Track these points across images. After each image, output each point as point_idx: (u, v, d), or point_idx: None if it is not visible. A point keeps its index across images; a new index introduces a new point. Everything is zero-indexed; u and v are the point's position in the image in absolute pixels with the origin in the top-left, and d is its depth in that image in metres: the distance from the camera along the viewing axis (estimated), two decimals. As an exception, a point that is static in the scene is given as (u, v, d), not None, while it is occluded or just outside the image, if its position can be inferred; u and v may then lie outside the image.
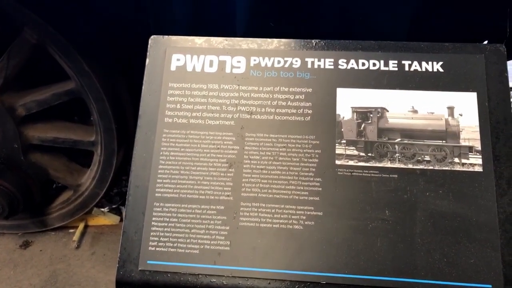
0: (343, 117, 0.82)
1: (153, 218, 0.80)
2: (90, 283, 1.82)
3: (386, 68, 0.83)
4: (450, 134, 0.79)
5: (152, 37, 0.89)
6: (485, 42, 0.78)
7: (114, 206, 2.29)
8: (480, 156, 0.78)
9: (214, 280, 0.78)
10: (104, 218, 2.15)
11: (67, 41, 1.56)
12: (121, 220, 2.18)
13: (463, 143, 0.79)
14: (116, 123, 1.76)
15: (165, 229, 0.80)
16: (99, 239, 2.04)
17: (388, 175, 0.79)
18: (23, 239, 2.01)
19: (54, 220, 2.05)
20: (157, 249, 0.79)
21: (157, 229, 0.80)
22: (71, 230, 2.06)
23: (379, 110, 0.81)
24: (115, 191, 2.37)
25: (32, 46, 1.60)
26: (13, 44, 1.61)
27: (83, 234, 2.05)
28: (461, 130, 0.80)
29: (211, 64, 0.87)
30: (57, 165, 1.97)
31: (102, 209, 2.18)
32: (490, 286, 0.73)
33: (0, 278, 1.83)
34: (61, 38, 1.55)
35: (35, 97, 1.74)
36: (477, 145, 0.78)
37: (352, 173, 0.79)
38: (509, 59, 0.99)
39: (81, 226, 2.05)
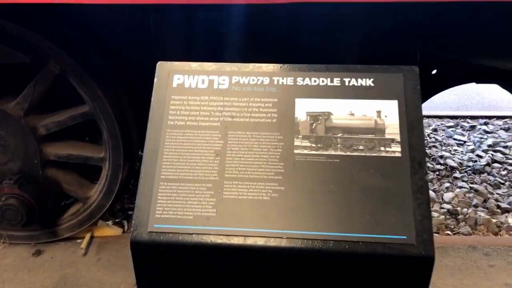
0: (300, 119, 1.13)
1: (159, 194, 1.09)
2: (96, 284, 2.05)
3: (332, 84, 1.15)
4: (378, 130, 1.10)
5: (159, 62, 1.22)
6: (404, 66, 1.10)
7: (117, 220, 2.55)
8: (400, 146, 1.08)
9: (204, 238, 1.06)
10: (108, 229, 2.40)
11: (85, 71, 1.89)
12: (123, 231, 2.44)
13: (387, 136, 1.10)
14: (123, 141, 2.06)
15: (168, 201, 1.08)
16: (104, 248, 2.28)
17: (332, 160, 1.09)
18: (35, 248, 2.25)
19: (64, 231, 2.30)
20: (162, 216, 1.07)
21: (161, 201, 1.08)
22: (79, 240, 2.30)
23: (326, 113, 1.12)
24: (118, 208, 2.63)
25: (55, 75, 1.93)
26: (39, 74, 1.93)
27: (89, 243, 2.30)
28: (386, 127, 1.10)
29: (203, 82, 1.19)
30: (69, 179, 2.25)
31: (107, 222, 2.44)
32: (405, 237, 1.01)
33: (15, 280, 2.06)
34: (80, 68, 1.88)
35: (55, 118, 2.05)
36: (398, 138, 1.09)
37: (306, 159, 1.09)
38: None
39: (87, 236, 2.30)
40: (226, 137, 1.14)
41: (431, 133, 3.54)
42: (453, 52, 1.77)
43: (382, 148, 1.10)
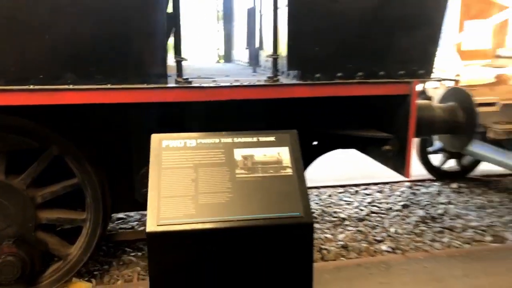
0: (237, 159, 2.08)
1: (161, 205, 1.92)
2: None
3: (253, 140, 2.14)
4: (279, 162, 2.09)
5: (152, 135, 2.12)
6: (290, 130, 2.14)
7: (86, 279, 3.12)
8: (291, 169, 2.07)
9: (191, 226, 1.89)
10: (81, 284, 2.97)
11: (78, 152, 2.67)
12: (92, 286, 3.02)
13: (284, 165, 2.09)
14: (103, 203, 2.79)
15: (166, 208, 1.91)
16: (77, 298, 2.82)
17: (256, 179, 2.03)
18: (19, 302, 2.71)
19: (45, 286, 2.82)
20: (163, 216, 1.89)
21: (163, 208, 1.91)
22: (56, 296, 2.82)
23: (251, 156, 2.09)
24: (84, 270, 3.19)
25: (54, 156, 2.67)
26: (42, 156, 2.66)
27: (65, 297, 2.83)
28: (283, 160, 2.10)
29: (180, 143, 2.11)
30: (53, 241, 2.85)
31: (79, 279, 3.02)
32: (299, 213, 1.95)
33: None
34: (76, 150, 2.67)
35: (51, 189, 2.73)
36: (289, 165, 2.08)
37: (243, 179, 2.03)
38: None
39: (64, 288, 2.85)
40: (198, 171, 2.04)
41: (327, 197, 4.67)
42: (324, 128, 2.91)
43: (282, 171, 2.08)
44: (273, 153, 2.15)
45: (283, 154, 2.15)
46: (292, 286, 2.02)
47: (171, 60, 2.41)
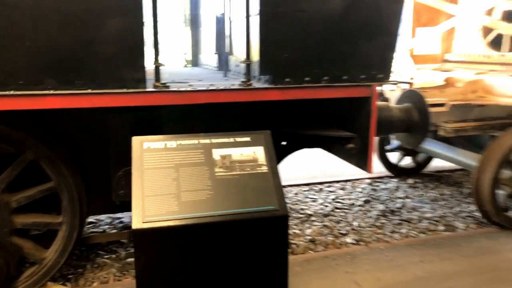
0: (216, 159, 2.22)
1: (145, 203, 2.03)
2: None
3: (230, 141, 2.29)
4: (254, 160, 2.25)
5: (133, 137, 2.22)
6: (263, 130, 2.31)
7: (60, 283, 3.14)
8: (266, 167, 2.24)
9: (174, 222, 2.00)
10: (56, 287, 2.99)
11: (54, 155, 2.70)
12: (67, 289, 3.04)
13: (259, 162, 2.25)
14: (80, 206, 2.83)
15: (151, 206, 2.02)
16: (53, 302, 2.85)
17: (234, 176, 2.18)
18: (-7, 309, 2.71)
19: (20, 291, 2.82)
20: (148, 213, 2.00)
21: (147, 206, 2.02)
22: (31, 300, 2.83)
23: (229, 155, 2.24)
24: (58, 275, 3.20)
25: (30, 161, 2.69)
26: (17, 161, 2.67)
27: (41, 301, 2.84)
28: (258, 158, 2.26)
29: (160, 145, 2.22)
30: (28, 245, 2.86)
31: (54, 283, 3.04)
32: (274, 207, 2.12)
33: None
34: (51, 154, 2.69)
35: (26, 193, 2.74)
36: (264, 163, 2.25)
37: (222, 177, 2.17)
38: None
39: (40, 295, 2.86)
40: (179, 170, 2.16)
41: (294, 195, 4.88)
42: (293, 128, 3.10)
43: (258, 168, 2.25)
44: (249, 152, 2.31)
45: (258, 153, 2.32)
46: (270, 274, 2.18)
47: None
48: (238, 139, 2.33)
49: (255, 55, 2.60)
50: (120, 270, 3.30)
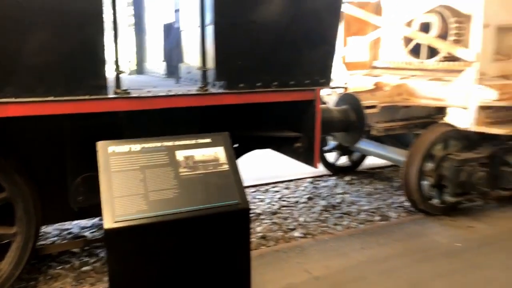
0: (180, 160, 2.37)
1: (115, 204, 2.12)
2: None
3: (192, 142, 2.44)
4: (216, 159, 2.43)
5: (98, 142, 2.30)
6: (222, 132, 2.49)
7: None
8: (227, 165, 2.42)
9: (144, 221, 2.12)
10: (10, 300, 2.93)
11: (6, 164, 2.67)
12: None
13: (220, 162, 2.43)
14: (35, 215, 2.82)
15: (120, 206, 2.12)
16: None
17: (198, 175, 2.34)
18: None
19: (-28, 304, 2.74)
20: (118, 213, 2.10)
21: (117, 207, 2.11)
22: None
23: (192, 156, 2.40)
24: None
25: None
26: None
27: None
28: (219, 158, 2.44)
29: (125, 148, 2.33)
30: (-19, 260, 2.79)
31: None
32: (237, 201, 2.32)
33: None
34: (3, 162, 2.66)
35: (-23, 206, 2.68)
36: (225, 161, 2.43)
37: (187, 176, 2.32)
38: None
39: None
40: (145, 172, 2.28)
41: (241, 197, 5.09)
42: (245, 130, 3.31)
43: (220, 167, 2.43)
44: (211, 153, 2.48)
45: (219, 153, 2.50)
46: (235, 264, 2.37)
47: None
48: (200, 141, 2.50)
49: (210, 63, 2.79)
50: (76, 279, 3.28)
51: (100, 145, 2.32)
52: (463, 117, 4.12)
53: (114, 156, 2.30)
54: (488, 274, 3.24)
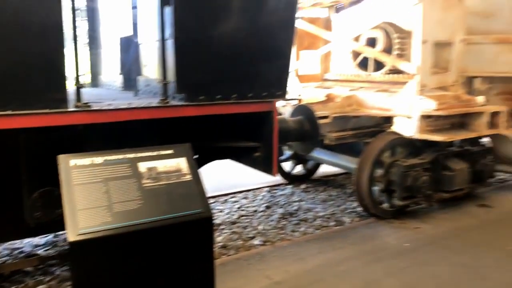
0: (142, 171, 2.41)
1: (78, 217, 2.13)
2: None
3: (156, 154, 2.49)
4: (178, 170, 2.49)
5: (59, 156, 2.29)
6: (184, 143, 2.56)
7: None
8: (190, 175, 2.49)
9: (109, 232, 2.14)
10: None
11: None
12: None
13: (183, 172, 2.49)
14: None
15: (85, 219, 2.13)
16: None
17: (160, 186, 2.39)
18: None
19: None
20: (82, 226, 2.10)
21: (80, 219, 2.12)
22: None
23: (154, 167, 2.44)
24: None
25: None
26: None
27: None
28: (182, 168, 2.50)
29: (87, 161, 2.33)
30: None
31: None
32: (200, 210, 2.39)
33: None
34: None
35: None
36: (188, 172, 2.50)
37: (150, 188, 2.36)
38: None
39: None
40: (108, 184, 2.30)
41: (200, 208, 5.12)
42: (205, 141, 3.39)
43: (182, 177, 2.49)
44: (173, 164, 2.54)
45: (181, 163, 2.56)
46: (199, 271, 2.43)
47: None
48: (162, 152, 2.55)
49: (170, 76, 2.86)
50: (31, 298, 3.19)
51: (62, 158, 2.31)
52: (407, 125, 4.44)
53: (76, 169, 2.30)
54: (434, 270, 3.51)
